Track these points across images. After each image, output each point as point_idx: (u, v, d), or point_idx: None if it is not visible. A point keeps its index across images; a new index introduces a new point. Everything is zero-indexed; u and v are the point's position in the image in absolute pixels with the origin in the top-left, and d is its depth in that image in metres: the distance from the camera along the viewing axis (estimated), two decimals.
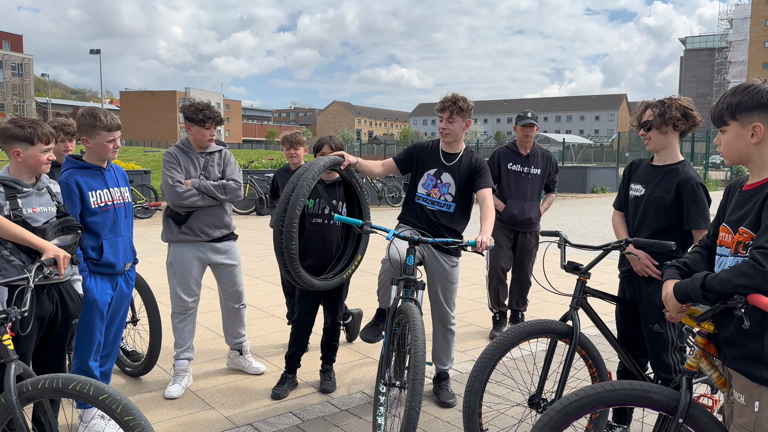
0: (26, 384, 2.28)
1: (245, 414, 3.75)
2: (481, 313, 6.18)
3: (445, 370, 4.04)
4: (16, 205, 2.84)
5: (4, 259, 2.84)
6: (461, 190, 3.84)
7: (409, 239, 3.31)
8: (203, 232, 4.05)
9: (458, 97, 3.76)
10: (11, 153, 2.86)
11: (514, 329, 2.91)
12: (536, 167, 5.30)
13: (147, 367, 4.18)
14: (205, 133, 4.03)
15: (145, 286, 4.10)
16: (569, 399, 2.22)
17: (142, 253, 9.27)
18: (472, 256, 9.53)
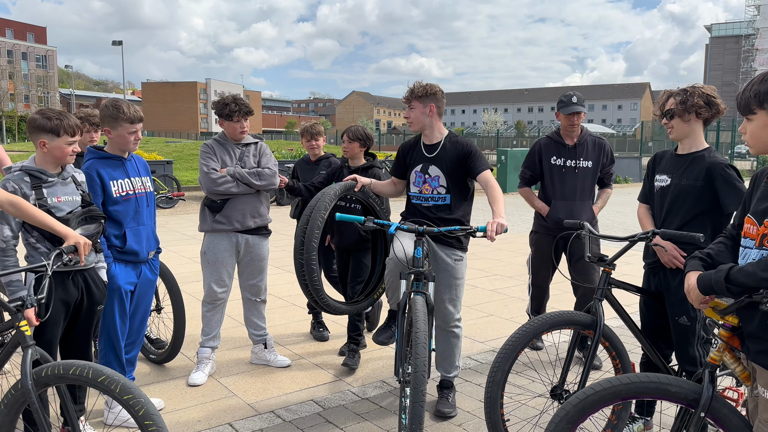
0: (42, 369, 2.32)
1: (267, 402, 3.80)
2: (501, 303, 6.17)
3: (449, 378, 3.76)
4: (41, 195, 2.89)
5: (31, 246, 2.91)
6: (452, 179, 3.60)
7: (413, 230, 3.29)
8: (238, 220, 4.09)
9: (417, 83, 3.63)
10: (38, 143, 2.91)
11: (537, 320, 2.90)
12: (587, 159, 4.39)
13: (171, 354, 4.25)
14: (235, 126, 4.09)
15: (169, 274, 4.16)
16: (585, 393, 2.21)
17: (165, 242, 9.40)
18: (489, 247, 9.50)
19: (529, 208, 14.83)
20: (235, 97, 4.13)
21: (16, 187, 2.83)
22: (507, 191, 18.95)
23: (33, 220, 2.76)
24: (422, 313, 2.98)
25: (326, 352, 4.72)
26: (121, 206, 3.39)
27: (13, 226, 2.83)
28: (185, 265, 7.80)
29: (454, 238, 3.59)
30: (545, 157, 4.44)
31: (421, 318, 2.95)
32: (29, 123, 2.91)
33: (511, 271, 7.73)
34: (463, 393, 3.94)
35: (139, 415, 2.21)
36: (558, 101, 4.44)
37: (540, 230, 4.49)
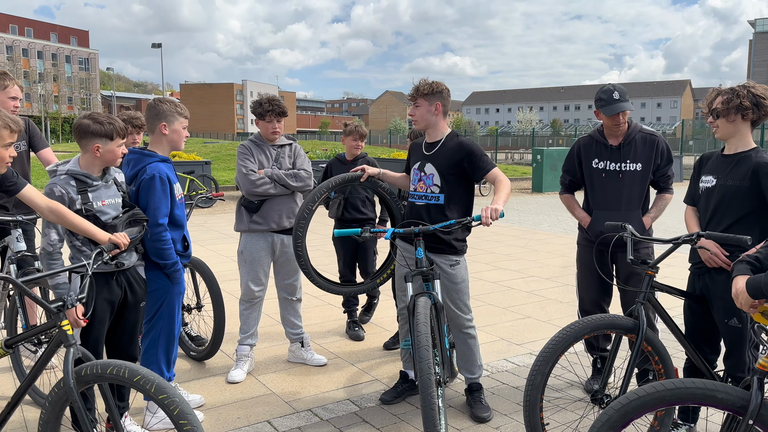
0: (81, 368, 2.36)
1: (304, 400, 3.84)
2: (538, 305, 6.11)
3: (475, 379, 3.72)
4: (87, 200, 2.92)
5: (76, 249, 2.97)
6: (447, 179, 3.51)
7: (409, 233, 3.30)
8: (274, 221, 4.15)
9: (422, 80, 3.58)
10: (91, 148, 2.92)
11: (578, 323, 2.86)
12: (634, 161, 3.72)
13: (211, 351, 4.33)
14: (267, 126, 4.15)
15: (209, 273, 4.23)
16: (629, 398, 2.18)
17: (203, 241, 9.57)
18: (524, 248, 9.40)
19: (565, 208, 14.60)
20: (270, 98, 4.18)
21: (62, 191, 2.86)
22: (543, 191, 18.73)
23: (72, 226, 2.81)
24: (423, 315, 2.96)
25: (362, 351, 4.74)
26: (180, 209, 3.42)
27: (59, 230, 2.89)
28: (224, 263, 7.93)
29: (446, 243, 3.52)
30: (585, 159, 3.87)
31: (421, 320, 2.93)
32: (80, 128, 2.92)
33: (547, 272, 7.64)
34: (500, 396, 3.91)
35: (174, 414, 2.24)
36: (596, 98, 3.75)
37: (582, 242, 3.95)
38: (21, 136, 4.33)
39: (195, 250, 8.67)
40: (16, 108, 4.23)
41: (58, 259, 2.88)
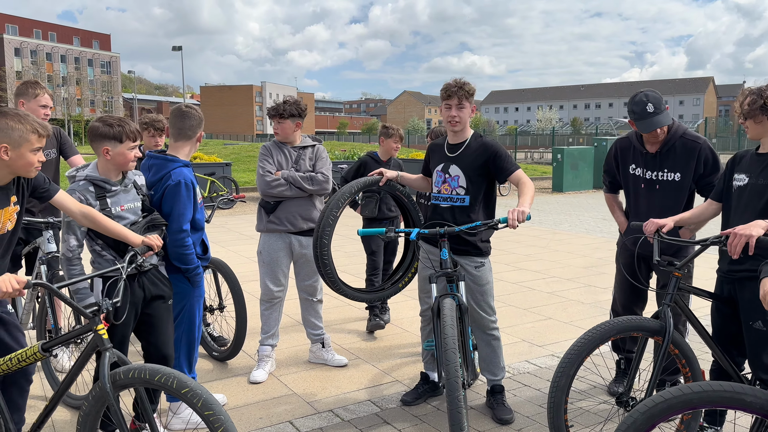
0: (119, 372, 2.36)
1: (326, 401, 3.85)
2: (560, 306, 6.05)
3: (497, 381, 3.70)
4: (105, 205, 2.91)
5: (97, 254, 2.99)
6: (473, 181, 3.49)
7: (435, 233, 3.29)
8: (290, 222, 4.17)
9: (464, 81, 3.50)
10: (101, 151, 2.93)
11: (604, 325, 2.83)
12: (672, 170, 3.47)
13: (233, 352, 4.36)
14: (282, 126, 4.17)
15: (231, 274, 4.26)
16: (654, 401, 2.15)
17: (224, 242, 9.65)
18: (545, 249, 9.33)
19: (586, 208, 14.49)
20: (288, 100, 4.21)
21: (81, 198, 2.86)
22: (564, 191, 18.57)
23: (105, 230, 2.82)
24: (449, 318, 2.95)
25: (382, 352, 4.74)
26: (200, 213, 3.44)
27: (78, 236, 2.90)
28: (244, 264, 7.98)
29: (471, 245, 3.50)
30: (622, 162, 3.69)
31: (448, 323, 2.92)
32: (90, 131, 2.94)
33: (569, 273, 7.57)
34: (522, 398, 3.89)
35: (198, 406, 2.24)
36: (629, 110, 3.43)
37: (621, 245, 3.83)
38: (51, 143, 4.43)
39: (215, 251, 8.74)
40: (46, 116, 4.32)
41: (77, 264, 2.90)
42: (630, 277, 3.65)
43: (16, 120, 2.45)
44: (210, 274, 4.63)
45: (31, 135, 2.47)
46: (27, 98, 4.24)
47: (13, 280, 2.21)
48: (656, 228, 3.04)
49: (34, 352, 2.43)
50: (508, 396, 3.87)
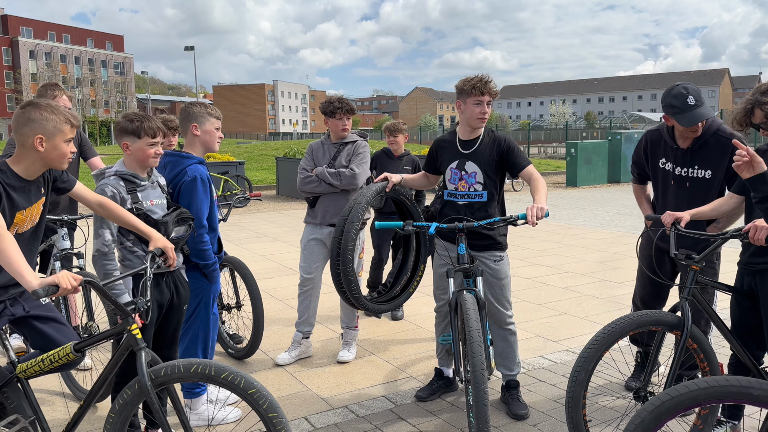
0: (160, 369, 2.35)
1: (340, 397, 3.86)
2: (574, 302, 6.02)
3: (513, 376, 3.71)
4: (137, 199, 2.94)
5: (128, 250, 2.98)
6: (489, 176, 3.51)
7: (453, 228, 3.28)
8: (323, 215, 4.34)
9: (489, 78, 3.51)
10: (121, 146, 2.99)
11: (623, 320, 2.80)
12: (703, 167, 3.36)
13: (250, 350, 4.37)
14: (337, 123, 4.32)
15: (248, 273, 4.28)
16: (661, 399, 2.12)
17: (238, 240, 9.70)
18: (560, 243, 9.27)
19: (601, 203, 14.38)
20: (339, 98, 4.36)
21: (114, 191, 2.88)
22: (578, 185, 18.44)
23: (120, 220, 2.82)
24: (473, 311, 2.95)
25: (397, 348, 4.74)
26: (214, 211, 3.46)
27: (113, 230, 2.90)
28: (258, 262, 8.02)
29: (491, 239, 3.51)
30: (652, 156, 3.60)
31: (472, 316, 2.91)
32: (115, 126, 3.02)
33: (583, 268, 7.52)
34: (537, 393, 3.87)
35: (264, 408, 2.28)
36: (667, 103, 3.28)
37: (645, 237, 3.71)
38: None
39: (230, 250, 8.79)
40: None
41: (112, 259, 2.89)
42: (648, 270, 3.61)
43: (49, 111, 2.47)
44: (227, 273, 4.66)
45: (64, 125, 2.49)
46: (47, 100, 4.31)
47: (71, 277, 2.21)
48: (673, 220, 3.00)
49: (67, 353, 2.42)
50: (523, 391, 3.85)
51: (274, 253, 8.67)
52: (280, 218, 12.27)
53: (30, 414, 2.46)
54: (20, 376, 2.47)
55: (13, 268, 2.23)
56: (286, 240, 9.73)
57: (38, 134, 2.44)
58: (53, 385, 4.08)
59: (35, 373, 2.47)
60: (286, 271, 7.44)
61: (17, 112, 2.48)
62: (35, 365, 2.47)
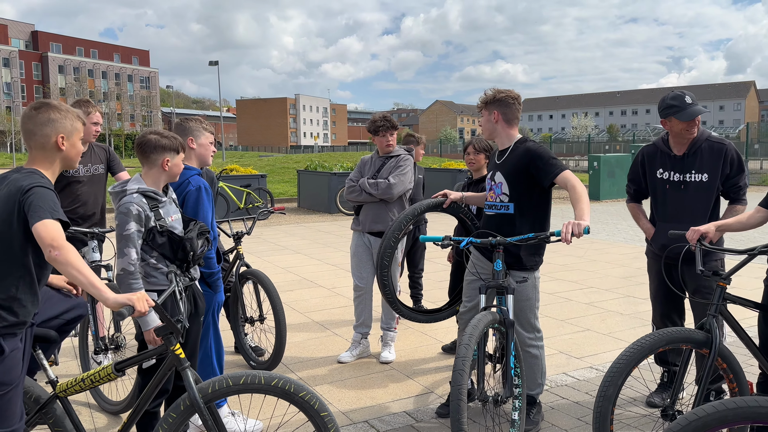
0: (207, 385, 2.34)
1: (361, 411, 3.84)
2: (598, 317, 5.94)
3: (532, 394, 3.65)
4: (159, 216, 2.89)
5: (152, 267, 2.94)
6: (515, 187, 3.39)
7: (486, 243, 3.23)
8: (364, 223, 4.63)
9: (485, 92, 3.57)
10: (161, 162, 2.91)
11: (654, 336, 2.76)
12: (699, 171, 3.55)
13: (272, 364, 4.35)
14: (381, 140, 4.62)
15: (271, 286, 4.30)
16: (687, 419, 2.07)
17: (260, 252, 9.76)
18: (583, 258, 9.17)
19: (624, 217, 14.21)
20: (384, 116, 4.63)
21: (140, 210, 2.82)
22: (601, 199, 18.26)
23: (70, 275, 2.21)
24: (471, 328, 2.86)
25: (418, 361, 4.72)
26: (214, 220, 3.49)
27: (138, 249, 2.84)
28: (279, 274, 8.06)
29: (514, 257, 3.41)
30: (650, 169, 3.76)
31: (467, 332, 2.84)
32: (148, 144, 2.92)
33: (607, 283, 7.43)
34: (560, 410, 3.82)
35: (315, 408, 2.33)
36: (665, 106, 3.54)
37: (650, 254, 3.85)
38: (100, 158, 4.62)
39: (251, 262, 8.84)
40: (97, 132, 4.52)
41: (138, 278, 2.80)
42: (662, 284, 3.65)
43: (64, 109, 2.45)
44: (250, 286, 4.71)
45: (77, 123, 2.47)
46: None
47: (146, 300, 2.22)
48: (699, 236, 2.96)
49: (108, 373, 2.44)
50: (546, 409, 3.81)
51: (296, 265, 8.70)
52: (301, 231, 12.33)
53: None
54: (61, 395, 2.48)
55: (86, 280, 2.16)
56: (307, 252, 9.77)
57: (60, 133, 2.39)
58: (78, 396, 4.12)
59: (76, 392, 2.48)
60: (307, 283, 7.46)
61: (30, 114, 2.39)
62: (76, 384, 2.47)
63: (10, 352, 2.28)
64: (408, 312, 3.93)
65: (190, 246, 2.94)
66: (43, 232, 2.14)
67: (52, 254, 2.13)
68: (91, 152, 4.55)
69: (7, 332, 2.28)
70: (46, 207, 2.17)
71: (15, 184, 2.24)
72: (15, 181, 2.25)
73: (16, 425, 2.35)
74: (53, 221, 2.17)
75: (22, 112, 2.43)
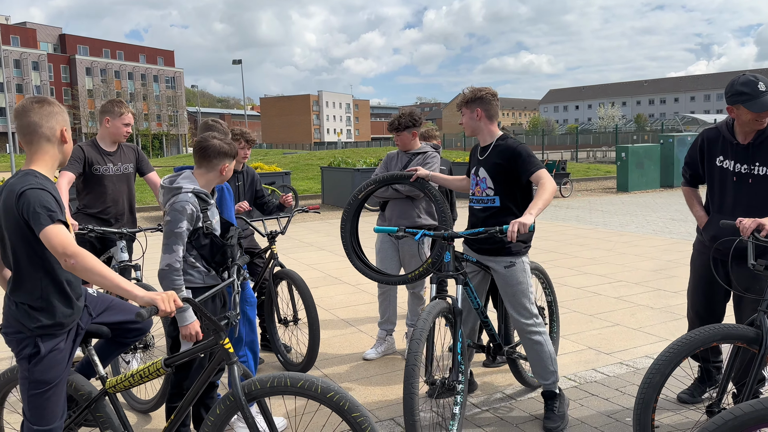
0: (254, 382, 2.33)
1: (387, 409, 3.82)
2: (627, 312, 5.82)
3: (548, 386, 3.57)
4: (207, 218, 2.92)
5: (189, 265, 2.96)
6: (499, 182, 3.49)
7: (439, 236, 3.33)
8: (390, 219, 4.57)
9: (464, 90, 3.64)
10: (220, 168, 2.97)
11: (707, 329, 2.66)
12: (765, 164, 3.23)
13: (306, 365, 4.30)
14: (400, 137, 4.56)
15: (305, 288, 4.23)
16: (724, 418, 2.01)
17: (285, 250, 9.81)
18: (611, 252, 9.01)
19: (654, 208, 13.94)
20: (403, 113, 4.57)
21: (194, 209, 2.85)
22: (629, 190, 17.95)
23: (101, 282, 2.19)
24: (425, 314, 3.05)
25: (444, 360, 4.68)
26: None
27: (185, 247, 2.87)
28: (304, 271, 8.08)
29: (500, 243, 3.48)
30: (709, 155, 3.46)
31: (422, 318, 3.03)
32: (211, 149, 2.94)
33: (637, 276, 7.28)
34: (589, 407, 3.75)
35: (345, 409, 2.26)
36: (734, 92, 3.18)
37: (697, 246, 3.61)
38: (130, 158, 4.66)
39: None
40: (128, 133, 4.56)
41: (181, 275, 2.84)
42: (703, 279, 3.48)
43: (57, 103, 2.42)
44: (284, 286, 4.70)
45: (67, 117, 2.45)
46: (113, 116, 4.46)
47: (173, 300, 2.18)
48: (755, 227, 2.80)
49: (157, 368, 2.46)
50: (574, 406, 3.74)
51: (320, 262, 8.72)
52: (325, 227, 12.36)
53: (121, 431, 2.48)
54: (110, 391, 2.50)
55: (111, 282, 2.13)
56: (331, 249, 9.78)
57: (62, 126, 2.37)
58: None
59: (125, 388, 2.49)
60: (331, 280, 7.47)
61: (33, 107, 2.32)
62: (125, 380, 2.49)
63: (48, 352, 2.31)
64: (367, 271, 4.04)
65: (230, 252, 2.99)
66: (51, 241, 2.12)
67: (68, 263, 2.11)
68: (120, 152, 4.60)
69: (45, 333, 2.30)
70: (42, 212, 2.14)
71: (10, 189, 2.23)
72: (11, 187, 2.24)
73: (54, 424, 2.38)
74: (56, 226, 2.13)
75: (17, 108, 2.35)
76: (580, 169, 24.59)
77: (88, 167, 4.41)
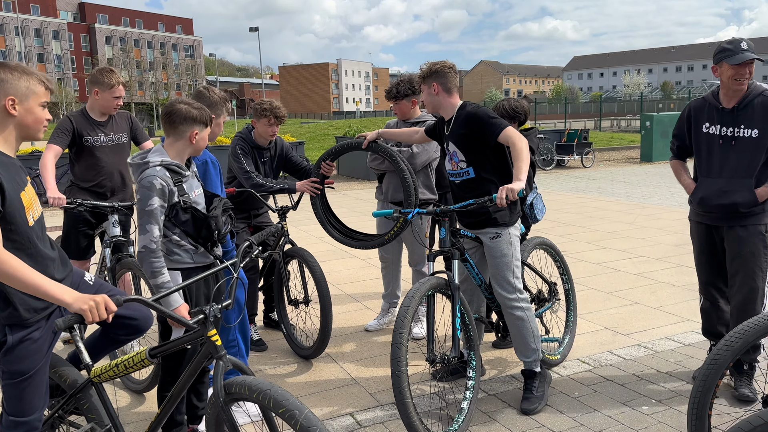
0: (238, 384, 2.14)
1: (389, 393, 3.65)
2: (647, 289, 5.56)
3: (529, 365, 3.46)
4: (183, 191, 2.73)
5: (174, 244, 2.78)
6: (469, 152, 3.39)
7: (431, 212, 3.31)
8: (387, 192, 4.45)
9: (420, 67, 3.56)
10: (188, 135, 2.74)
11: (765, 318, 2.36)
12: (749, 126, 3.34)
13: (318, 349, 4.10)
14: (398, 106, 4.38)
15: (317, 268, 3.99)
16: None
17: (296, 222, 9.65)
18: (632, 225, 8.69)
19: None
20: (401, 80, 4.37)
21: (163, 184, 2.66)
22: (653, 160, 17.44)
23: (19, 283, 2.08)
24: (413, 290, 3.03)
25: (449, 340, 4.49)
26: None
27: (161, 226, 2.69)
28: (315, 244, 7.91)
29: (485, 215, 3.39)
30: (695, 123, 3.55)
31: (409, 294, 3.02)
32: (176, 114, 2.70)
33: (658, 251, 6.98)
34: (603, 393, 3.54)
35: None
36: (719, 50, 3.35)
37: (692, 217, 3.66)
38: (123, 127, 4.44)
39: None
40: (118, 106, 4.32)
41: (160, 256, 2.66)
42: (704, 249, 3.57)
43: (20, 71, 2.21)
44: (295, 266, 4.48)
45: (38, 86, 2.23)
46: (103, 88, 4.19)
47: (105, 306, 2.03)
48: None
49: (142, 359, 2.32)
50: (587, 391, 3.53)
51: None
52: (338, 198, 12.17)
53: (106, 422, 2.34)
54: (95, 380, 2.38)
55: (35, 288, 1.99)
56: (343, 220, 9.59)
57: (9, 95, 2.16)
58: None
59: (110, 378, 2.37)
60: (341, 254, 7.29)
61: None
62: (110, 370, 2.35)
63: (19, 342, 2.19)
64: (344, 239, 4.06)
65: (215, 224, 2.79)
66: None
67: None
68: (112, 121, 4.38)
69: (11, 323, 2.18)
70: None
71: None
72: None
73: (32, 416, 2.27)
74: None
75: None
76: (603, 138, 24.01)
77: (78, 139, 4.22)
